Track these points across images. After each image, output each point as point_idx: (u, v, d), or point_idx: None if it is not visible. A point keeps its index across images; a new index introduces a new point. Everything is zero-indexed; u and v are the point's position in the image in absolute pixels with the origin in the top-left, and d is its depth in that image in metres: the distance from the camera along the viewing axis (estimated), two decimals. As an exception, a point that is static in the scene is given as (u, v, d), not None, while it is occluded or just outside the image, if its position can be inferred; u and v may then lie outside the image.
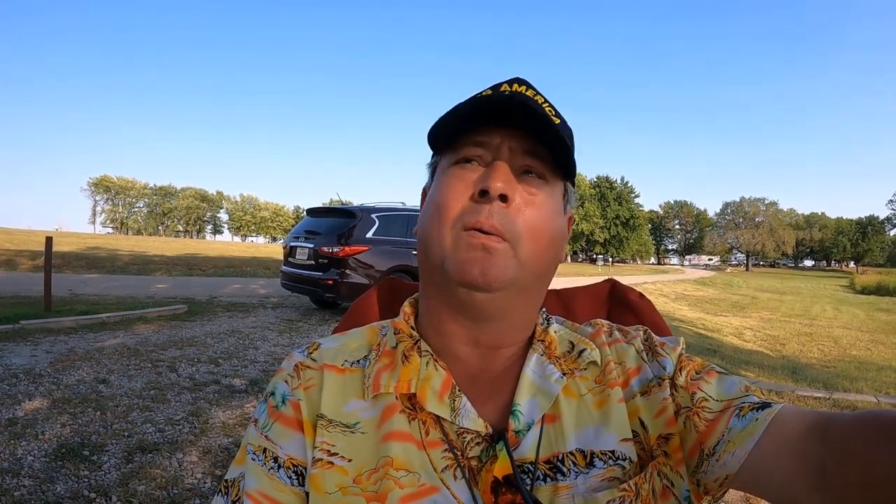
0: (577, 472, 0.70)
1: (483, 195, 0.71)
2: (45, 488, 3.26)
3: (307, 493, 0.72)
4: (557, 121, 0.76)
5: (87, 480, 3.39)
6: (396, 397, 0.75)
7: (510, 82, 0.79)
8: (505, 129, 0.74)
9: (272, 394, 0.79)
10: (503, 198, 0.70)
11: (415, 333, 0.81)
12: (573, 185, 0.83)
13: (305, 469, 0.73)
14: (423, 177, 0.89)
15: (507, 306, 0.75)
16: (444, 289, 0.75)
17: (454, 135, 0.76)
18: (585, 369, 0.78)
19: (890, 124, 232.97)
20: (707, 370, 0.77)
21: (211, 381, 5.59)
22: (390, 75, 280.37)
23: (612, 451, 0.72)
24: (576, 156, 0.78)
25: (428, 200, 0.79)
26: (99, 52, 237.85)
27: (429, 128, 0.78)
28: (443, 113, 0.78)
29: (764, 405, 0.67)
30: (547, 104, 0.78)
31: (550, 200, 0.76)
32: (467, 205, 0.72)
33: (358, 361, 0.81)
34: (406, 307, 0.87)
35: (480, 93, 0.78)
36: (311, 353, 0.82)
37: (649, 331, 0.86)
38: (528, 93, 0.76)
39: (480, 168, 0.74)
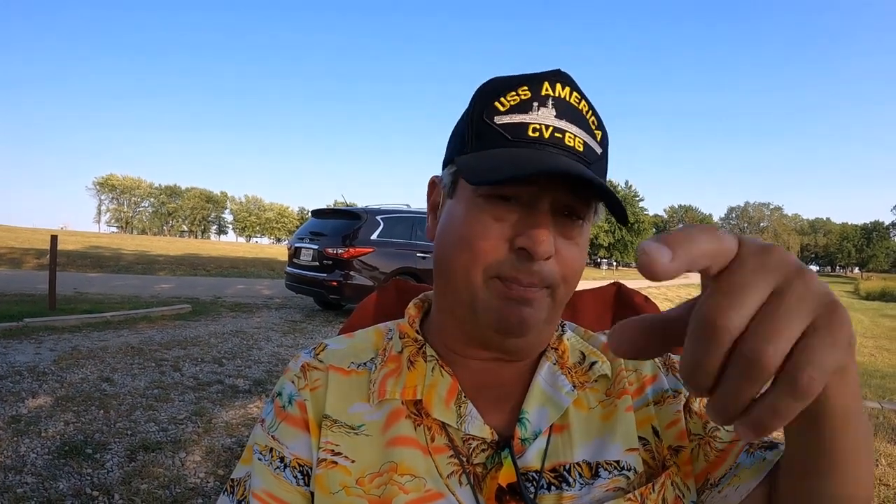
0: (582, 484, 0.70)
1: (523, 251, 0.67)
2: (47, 486, 3.26)
3: (313, 494, 0.72)
4: (600, 150, 0.74)
5: (89, 478, 3.39)
6: (402, 402, 0.74)
7: (552, 80, 0.71)
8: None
9: (279, 394, 0.79)
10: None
11: (420, 338, 0.80)
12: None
13: (311, 469, 0.73)
14: (426, 176, 0.85)
15: (533, 339, 0.75)
16: (469, 325, 0.74)
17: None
18: (596, 381, 0.78)
19: (894, 130, 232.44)
20: None
21: (214, 381, 5.60)
22: (396, 77, 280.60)
23: (617, 461, 0.72)
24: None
25: (455, 229, 0.72)
26: (106, 53, 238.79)
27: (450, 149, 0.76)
28: (470, 113, 0.74)
29: (771, 445, 0.68)
30: (591, 113, 0.74)
31: (584, 237, 0.74)
32: (504, 255, 0.68)
33: (364, 364, 0.80)
34: (411, 309, 0.86)
35: (517, 87, 0.71)
36: (317, 354, 0.82)
37: None
38: (571, 99, 0.71)
39: (517, 208, 0.69)
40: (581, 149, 0.71)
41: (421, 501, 0.68)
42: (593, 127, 0.73)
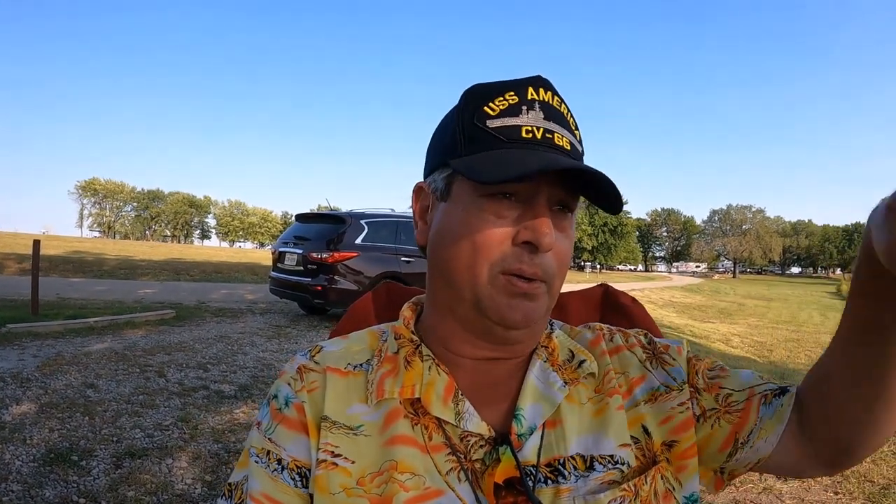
0: (577, 476, 0.72)
1: (527, 244, 0.70)
2: (33, 493, 3.24)
3: (311, 495, 0.73)
4: (581, 148, 0.78)
5: (76, 486, 3.37)
6: (400, 402, 0.76)
7: (535, 85, 0.75)
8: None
9: (275, 396, 0.80)
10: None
11: (415, 338, 0.82)
12: None
13: (309, 471, 0.74)
14: (408, 180, 0.86)
15: (534, 330, 0.78)
16: (473, 322, 0.76)
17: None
18: (585, 379, 0.80)
19: (875, 132, 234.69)
20: (719, 368, 0.82)
21: (200, 387, 5.57)
22: (380, 81, 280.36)
23: (612, 456, 0.74)
24: None
25: (456, 229, 0.75)
26: (88, 55, 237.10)
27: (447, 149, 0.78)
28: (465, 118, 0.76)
29: (783, 390, 0.75)
30: (569, 114, 0.78)
31: (573, 228, 0.78)
32: (508, 249, 0.71)
33: (361, 365, 0.81)
34: (406, 311, 0.87)
35: (504, 93, 0.74)
36: (313, 355, 0.83)
37: (650, 334, 0.88)
38: (554, 102, 0.76)
39: (517, 205, 0.72)
40: (569, 148, 0.75)
41: (421, 499, 0.69)
42: (573, 128, 0.78)
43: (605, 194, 0.72)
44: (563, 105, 0.77)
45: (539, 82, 0.76)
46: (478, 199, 0.73)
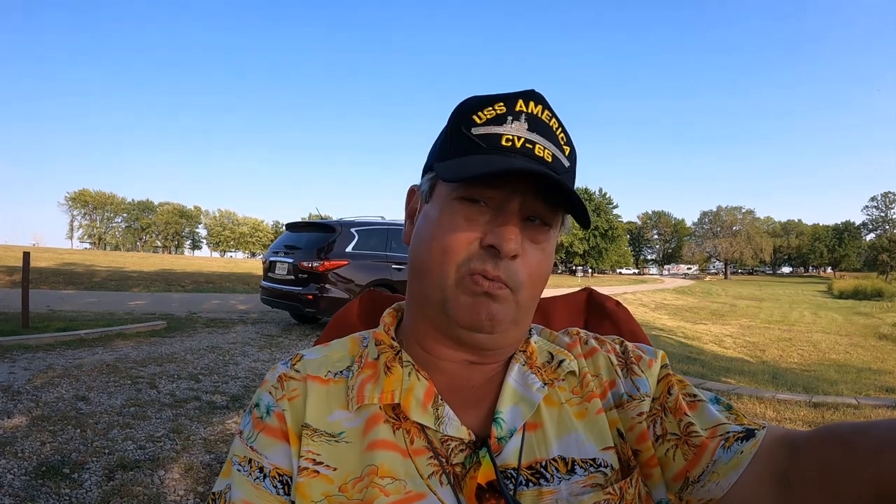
0: (559, 479, 0.73)
1: (491, 248, 0.72)
2: (25, 507, 3.22)
3: (293, 503, 0.73)
4: (568, 163, 0.79)
5: (68, 499, 3.36)
6: (380, 407, 0.76)
7: (525, 99, 0.77)
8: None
9: (257, 405, 0.80)
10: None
11: (395, 344, 0.82)
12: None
13: (291, 478, 0.74)
14: (400, 189, 0.88)
15: (502, 338, 0.78)
16: (440, 324, 0.77)
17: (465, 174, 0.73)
18: (564, 379, 0.81)
19: (863, 132, 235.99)
20: (689, 394, 0.80)
21: (191, 398, 5.55)
22: (370, 90, 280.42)
23: (594, 459, 0.74)
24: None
25: (429, 229, 0.78)
26: (76, 66, 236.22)
27: (431, 154, 0.82)
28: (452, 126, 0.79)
29: (748, 434, 0.70)
30: (560, 129, 0.79)
31: (551, 244, 0.79)
32: (475, 251, 0.73)
33: (341, 372, 0.82)
34: (386, 317, 0.89)
35: (493, 103, 0.77)
36: (294, 364, 0.83)
37: (626, 343, 0.88)
38: (543, 116, 0.77)
39: (488, 210, 0.74)
40: (550, 160, 0.76)
41: (402, 503, 0.70)
42: (562, 142, 0.79)
43: (575, 204, 0.73)
44: (553, 120, 0.79)
45: (531, 96, 0.78)
46: (452, 201, 0.75)
